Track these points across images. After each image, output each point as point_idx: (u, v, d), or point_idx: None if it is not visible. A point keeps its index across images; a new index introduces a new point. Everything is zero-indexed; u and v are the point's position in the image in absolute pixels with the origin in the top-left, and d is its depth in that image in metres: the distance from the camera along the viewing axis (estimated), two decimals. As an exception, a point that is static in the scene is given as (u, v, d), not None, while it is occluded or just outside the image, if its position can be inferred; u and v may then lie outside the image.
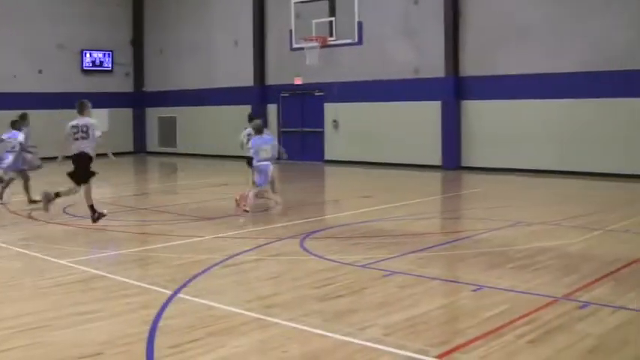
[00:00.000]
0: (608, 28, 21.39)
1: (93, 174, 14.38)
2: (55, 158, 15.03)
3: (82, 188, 14.10)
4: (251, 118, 17.26)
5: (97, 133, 14.48)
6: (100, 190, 20.20)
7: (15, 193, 17.35)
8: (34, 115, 31.31)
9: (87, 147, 14.41)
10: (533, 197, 17.94)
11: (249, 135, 15.97)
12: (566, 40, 22.30)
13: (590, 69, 21.74)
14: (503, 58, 23.76)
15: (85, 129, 14.33)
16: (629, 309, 7.70)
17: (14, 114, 27.85)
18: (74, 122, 14.43)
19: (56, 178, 15.90)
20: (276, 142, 15.90)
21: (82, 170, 14.19)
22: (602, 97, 21.55)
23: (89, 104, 14.81)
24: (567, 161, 22.26)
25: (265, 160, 15.12)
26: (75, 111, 14.89)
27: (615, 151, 21.31)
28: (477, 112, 24.49)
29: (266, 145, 15.14)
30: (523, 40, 23.20)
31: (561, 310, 7.66)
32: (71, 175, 14.34)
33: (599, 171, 21.42)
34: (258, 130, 15.50)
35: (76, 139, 14.35)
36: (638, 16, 21.01)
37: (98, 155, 14.60)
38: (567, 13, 22.27)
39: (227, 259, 10.55)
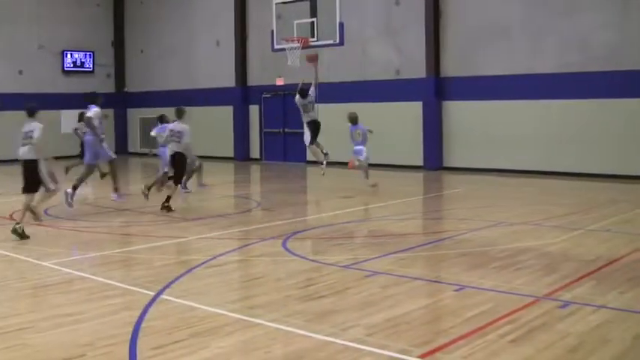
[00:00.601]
0: (589, 28, 21.51)
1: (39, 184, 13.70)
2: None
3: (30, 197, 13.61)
4: None
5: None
6: (83, 191, 20.14)
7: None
8: (13, 116, 31.28)
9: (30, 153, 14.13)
10: (515, 197, 18.02)
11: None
12: (547, 41, 22.41)
13: (571, 70, 21.86)
14: (484, 58, 23.86)
15: (30, 134, 14.18)
16: (609, 308, 7.75)
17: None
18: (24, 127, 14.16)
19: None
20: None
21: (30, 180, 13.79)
22: (583, 97, 21.66)
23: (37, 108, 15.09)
24: (548, 161, 22.37)
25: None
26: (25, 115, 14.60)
27: (595, 151, 21.44)
28: (458, 112, 24.57)
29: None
30: (504, 40, 23.30)
31: (543, 310, 7.71)
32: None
33: (579, 171, 21.54)
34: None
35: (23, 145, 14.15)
36: (619, 17, 21.14)
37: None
38: (548, 13, 22.38)
39: (210, 259, 10.55)
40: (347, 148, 21.54)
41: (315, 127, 19.56)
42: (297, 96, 20.44)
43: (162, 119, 19.39)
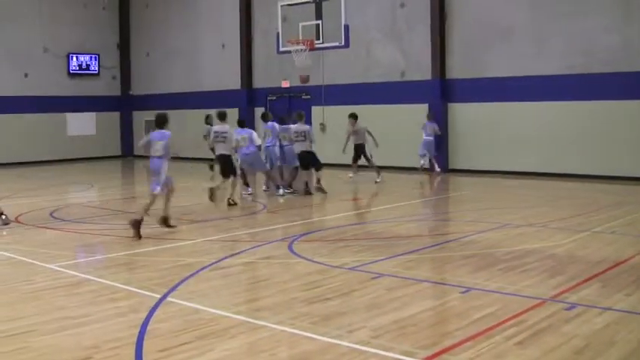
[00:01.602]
0: (594, 30, 21.49)
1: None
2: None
3: None
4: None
5: None
6: (88, 194, 20.21)
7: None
8: (20, 119, 31.40)
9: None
10: (521, 199, 18.00)
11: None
12: (552, 43, 22.39)
13: (576, 71, 21.85)
14: (489, 60, 23.85)
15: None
16: (615, 310, 7.73)
17: (0, 118, 27.87)
18: None
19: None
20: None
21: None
22: (588, 99, 21.65)
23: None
24: (554, 163, 22.35)
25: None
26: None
27: (601, 153, 21.41)
28: (463, 114, 24.56)
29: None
30: (509, 42, 23.29)
31: (549, 312, 7.69)
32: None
33: (585, 173, 21.51)
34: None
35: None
36: (623, 19, 21.12)
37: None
38: (553, 15, 22.36)
39: (216, 262, 10.55)
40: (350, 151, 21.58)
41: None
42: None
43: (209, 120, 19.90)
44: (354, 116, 21.15)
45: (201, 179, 22.07)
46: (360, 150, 21.37)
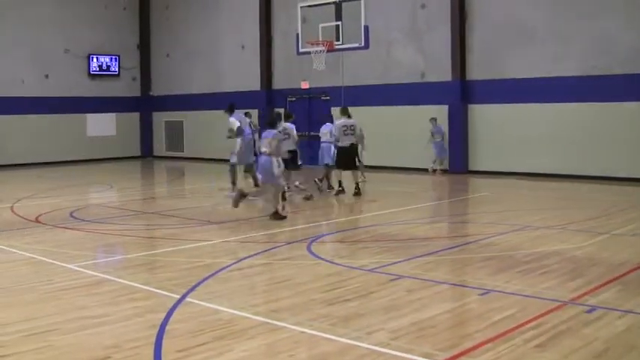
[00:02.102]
0: (616, 31, 21.36)
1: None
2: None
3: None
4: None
5: None
6: (108, 194, 20.30)
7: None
8: (40, 119, 31.59)
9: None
10: (540, 201, 17.92)
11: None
12: (573, 44, 22.28)
13: (597, 72, 21.73)
14: (510, 61, 23.76)
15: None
16: (636, 313, 7.69)
17: (20, 119, 28.09)
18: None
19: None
20: None
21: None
22: (609, 100, 21.51)
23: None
24: (574, 165, 22.23)
25: None
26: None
27: (622, 155, 21.28)
28: (483, 115, 24.48)
29: None
30: (530, 43, 23.19)
31: (568, 315, 7.65)
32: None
33: (605, 175, 21.38)
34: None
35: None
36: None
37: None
38: (574, 16, 22.24)
39: (234, 263, 10.57)
40: (373, 151, 21.57)
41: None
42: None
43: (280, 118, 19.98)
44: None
45: (220, 180, 22.09)
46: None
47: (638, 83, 20.91)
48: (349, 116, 19.05)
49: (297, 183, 18.94)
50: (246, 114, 21.23)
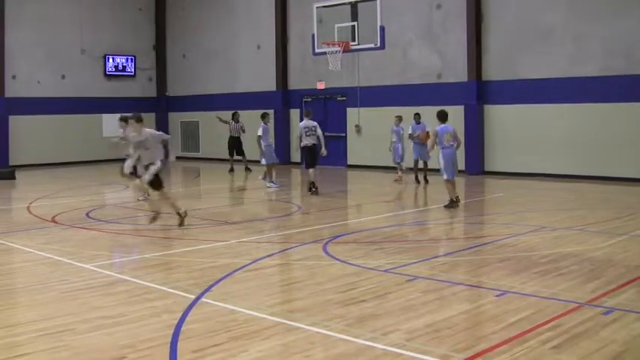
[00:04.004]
0: (632, 31, 21.24)
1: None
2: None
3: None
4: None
5: None
6: (124, 194, 20.35)
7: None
8: (57, 120, 31.71)
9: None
10: (557, 202, 17.84)
11: None
12: (590, 44, 22.18)
13: (614, 73, 21.62)
14: (526, 62, 23.66)
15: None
16: (654, 315, 7.65)
17: (37, 119, 28.28)
18: None
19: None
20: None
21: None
22: (626, 101, 21.39)
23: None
24: (591, 166, 22.12)
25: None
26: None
27: (638, 155, 21.15)
28: (500, 116, 24.40)
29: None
30: (546, 43, 23.09)
31: (585, 316, 7.61)
32: None
33: (623, 176, 21.27)
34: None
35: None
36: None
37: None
38: (590, 16, 22.14)
39: (250, 263, 10.56)
40: (389, 153, 21.52)
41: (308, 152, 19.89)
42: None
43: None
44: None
45: (233, 180, 22.10)
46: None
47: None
48: (311, 118, 20.02)
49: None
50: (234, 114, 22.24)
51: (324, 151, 19.82)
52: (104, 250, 12.06)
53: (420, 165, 21.52)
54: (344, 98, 28.49)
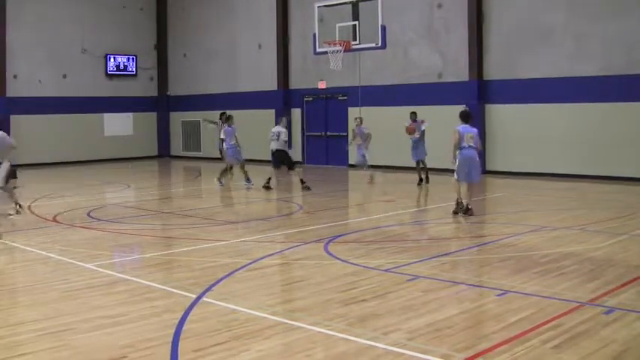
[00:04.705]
0: (632, 31, 21.25)
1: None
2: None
3: None
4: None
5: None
6: (125, 194, 20.36)
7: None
8: (58, 119, 31.74)
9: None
10: (558, 202, 17.84)
11: None
12: (590, 44, 22.18)
13: (614, 72, 21.63)
14: (527, 61, 23.67)
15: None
16: (655, 314, 7.65)
17: (38, 119, 28.33)
18: None
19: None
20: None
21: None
22: (626, 100, 21.40)
23: None
24: (592, 165, 22.13)
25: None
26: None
27: (639, 155, 21.17)
28: (501, 115, 24.40)
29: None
30: (547, 43, 23.10)
31: (586, 316, 7.61)
32: None
33: (624, 175, 21.27)
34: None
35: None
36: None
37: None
38: (591, 16, 22.14)
39: (251, 263, 10.57)
40: (390, 152, 21.53)
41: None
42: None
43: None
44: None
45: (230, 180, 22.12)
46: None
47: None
48: (277, 123, 20.79)
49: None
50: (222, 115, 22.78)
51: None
52: (105, 249, 12.06)
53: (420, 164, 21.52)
54: (345, 98, 28.49)
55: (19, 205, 15.72)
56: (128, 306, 8.24)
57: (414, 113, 21.60)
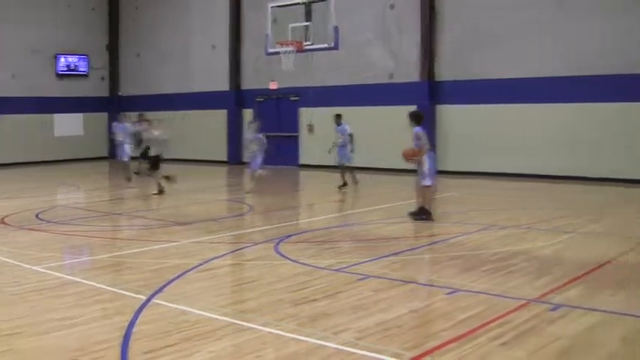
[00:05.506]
0: (581, 34, 21.59)
1: None
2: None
3: None
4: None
5: None
6: (75, 195, 20.17)
7: None
8: (7, 120, 31.28)
9: None
10: (507, 201, 18.04)
11: None
12: (539, 46, 22.48)
13: (562, 74, 21.96)
14: (477, 63, 23.90)
15: None
16: (599, 310, 7.78)
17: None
18: None
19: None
20: None
21: None
22: (574, 101, 21.76)
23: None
24: (541, 165, 22.42)
25: None
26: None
27: (586, 155, 21.52)
28: (451, 116, 24.61)
29: None
30: (497, 45, 23.36)
31: (533, 313, 7.72)
32: None
33: (571, 175, 21.59)
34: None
35: None
36: (610, 23, 21.21)
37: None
38: (541, 19, 22.44)
39: (202, 264, 10.54)
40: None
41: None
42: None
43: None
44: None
45: (186, 182, 22.03)
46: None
47: (603, 85, 21.16)
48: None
49: None
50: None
51: None
52: (54, 251, 11.94)
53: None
54: (297, 98, 28.52)
55: None
56: (78, 309, 8.17)
57: (338, 116, 21.30)
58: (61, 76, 34.05)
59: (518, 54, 22.95)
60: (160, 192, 18.96)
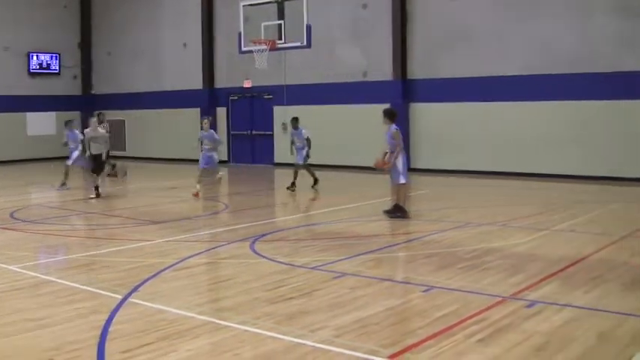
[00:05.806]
0: (552, 32, 21.74)
1: None
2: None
3: None
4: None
5: None
6: (48, 194, 20.04)
7: None
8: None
9: None
10: (481, 198, 18.14)
11: None
12: (512, 44, 22.62)
13: (534, 72, 22.10)
14: (450, 61, 23.99)
15: None
16: (574, 306, 7.85)
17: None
18: None
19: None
20: None
21: None
22: (545, 99, 21.91)
23: None
24: (514, 163, 22.55)
25: None
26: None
27: (559, 153, 21.66)
28: (424, 114, 24.68)
29: None
30: (470, 43, 23.46)
31: (509, 309, 7.78)
32: None
33: (545, 172, 21.73)
34: None
35: None
36: (580, 21, 21.38)
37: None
38: (513, 17, 22.57)
39: (178, 262, 10.52)
40: (316, 150, 21.56)
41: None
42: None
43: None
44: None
45: (161, 180, 21.95)
46: None
47: (574, 83, 21.32)
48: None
49: None
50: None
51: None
52: (29, 250, 11.86)
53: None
54: (271, 97, 28.49)
55: None
56: (53, 308, 8.13)
57: (295, 119, 20.74)
58: (33, 75, 33.77)
59: (491, 52, 23.07)
60: (97, 195, 18.55)
